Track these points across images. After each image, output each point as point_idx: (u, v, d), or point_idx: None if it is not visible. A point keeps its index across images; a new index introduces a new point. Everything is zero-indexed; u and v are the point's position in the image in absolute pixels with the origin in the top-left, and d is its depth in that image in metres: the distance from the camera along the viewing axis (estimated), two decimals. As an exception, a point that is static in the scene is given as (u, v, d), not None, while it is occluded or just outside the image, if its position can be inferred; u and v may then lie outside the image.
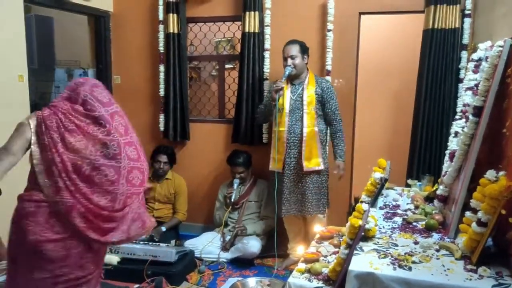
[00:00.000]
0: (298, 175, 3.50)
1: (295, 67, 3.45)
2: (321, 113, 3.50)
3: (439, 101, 3.56)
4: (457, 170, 2.16)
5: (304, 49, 3.50)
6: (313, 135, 3.43)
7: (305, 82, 3.49)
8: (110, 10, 4.49)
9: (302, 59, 3.48)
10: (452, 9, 3.45)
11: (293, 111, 3.47)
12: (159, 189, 4.17)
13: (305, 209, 3.51)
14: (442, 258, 1.74)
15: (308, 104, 3.44)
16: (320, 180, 3.51)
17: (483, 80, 1.97)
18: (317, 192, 3.51)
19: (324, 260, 2.08)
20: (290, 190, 3.53)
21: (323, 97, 3.46)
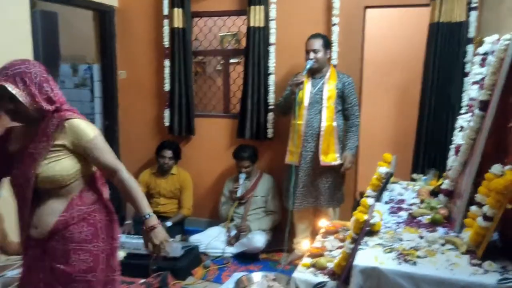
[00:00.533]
0: (313, 169, 3.51)
1: (317, 61, 3.45)
2: (340, 108, 3.50)
3: (445, 95, 3.54)
4: (463, 165, 2.15)
5: (327, 44, 3.50)
6: (331, 130, 3.44)
7: (326, 76, 3.49)
8: (115, 5, 4.49)
9: (325, 54, 3.48)
10: (458, 2, 3.42)
11: (312, 105, 3.47)
12: (164, 184, 4.18)
13: (318, 201, 3.53)
14: (447, 252, 1.74)
15: (328, 99, 3.44)
16: (336, 175, 3.52)
17: (489, 74, 1.95)
18: (331, 186, 3.52)
19: (329, 254, 2.09)
20: (304, 184, 3.54)
21: (343, 92, 3.46)
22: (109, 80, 4.59)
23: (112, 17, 4.50)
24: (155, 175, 4.22)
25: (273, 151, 4.22)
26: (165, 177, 4.20)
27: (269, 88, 4.03)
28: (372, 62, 4.35)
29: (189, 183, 4.25)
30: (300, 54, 3.95)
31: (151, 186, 4.21)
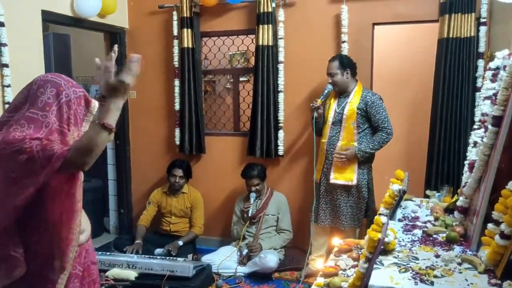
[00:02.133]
0: (333, 187, 3.50)
1: (335, 84, 3.47)
2: (365, 128, 3.45)
3: (456, 111, 3.51)
4: (477, 181, 2.12)
5: (345, 65, 3.47)
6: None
7: (350, 96, 3.48)
8: (126, 27, 4.56)
9: (342, 75, 3.46)
10: (467, 18, 3.42)
11: (335, 124, 3.49)
12: (175, 203, 4.18)
13: (340, 222, 3.50)
14: (465, 272, 1.70)
15: (347, 119, 3.43)
16: (358, 195, 3.48)
17: (501, 90, 1.93)
18: (353, 206, 3.49)
19: (343, 274, 2.05)
20: (325, 200, 3.55)
21: (367, 111, 3.41)
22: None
23: (122, 39, 4.57)
24: (166, 194, 4.22)
25: (284, 169, 4.20)
26: (176, 196, 4.20)
27: (279, 105, 4.04)
28: (381, 78, 4.35)
29: (200, 201, 4.24)
30: (309, 71, 4.00)
31: (162, 205, 4.21)
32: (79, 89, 1.59)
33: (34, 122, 1.46)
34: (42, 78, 1.56)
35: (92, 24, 4.16)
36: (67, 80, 1.57)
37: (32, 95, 1.52)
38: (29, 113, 1.47)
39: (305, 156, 4.09)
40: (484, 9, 3.41)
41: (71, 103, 1.54)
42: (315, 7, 3.94)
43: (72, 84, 1.58)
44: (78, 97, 1.58)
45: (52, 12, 3.66)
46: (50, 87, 1.52)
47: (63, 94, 1.53)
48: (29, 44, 3.47)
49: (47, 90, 1.52)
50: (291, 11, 4.00)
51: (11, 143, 1.42)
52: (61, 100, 1.52)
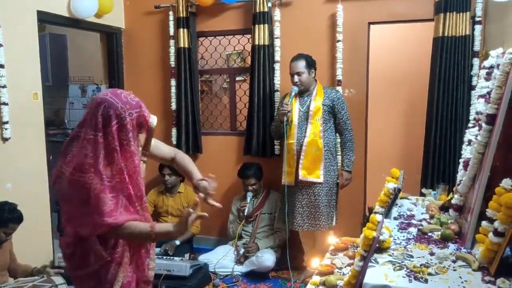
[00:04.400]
0: (310, 188, 3.48)
1: (301, 84, 3.47)
2: (330, 124, 3.49)
3: (452, 109, 3.53)
4: (472, 179, 2.13)
5: (311, 64, 3.49)
6: (314, 145, 3.41)
7: (313, 94, 3.49)
8: (122, 27, 4.56)
9: (309, 74, 3.48)
10: (462, 17, 3.43)
11: (301, 123, 3.48)
12: (171, 203, 4.18)
13: (319, 223, 3.48)
14: (459, 269, 1.71)
15: (313, 115, 3.44)
16: (331, 192, 3.50)
17: (495, 88, 1.94)
18: (327, 205, 3.49)
19: (339, 272, 2.06)
20: (302, 204, 3.50)
21: (333, 107, 3.46)
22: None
23: (119, 39, 4.57)
24: (162, 194, 4.22)
25: (281, 168, 4.20)
26: (173, 195, 4.20)
27: (275, 105, 4.04)
28: (377, 77, 4.37)
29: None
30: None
31: (159, 204, 4.21)
32: (135, 110, 1.66)
33: (94, 144, 1.58)
34: (101, 97, 1.63)
35: (89, 25, 4.15)
36: (124, 102, 1.63)
37: (92, 114, 1.61)
38: (90, 136, 1.59)
39: (302, 155, 4.08)
40: (479, 8, 3.42)
41: (127, 126, 1.62)
42: (311, 7, 3.95)
43: (130, 106, 1.64)
44: (134, 118, 1.65)
45: (48, 13, 3.66)
46: (108, 107, 1.59)
47: (120, 118, 1.60)
48: (25, 45, 3.47)
49: (104, 110, 1.59)
50: (287, 10, 4.01)
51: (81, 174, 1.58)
52: (119, 122, 1.60)
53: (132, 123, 1.64)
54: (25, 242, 3.18)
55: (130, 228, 1.63)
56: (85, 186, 1.56)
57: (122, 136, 1.62)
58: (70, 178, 1.59)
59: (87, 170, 1.57)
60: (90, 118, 1.61)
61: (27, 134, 3.49)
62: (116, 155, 1.60)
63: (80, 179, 1.57)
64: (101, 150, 1.58)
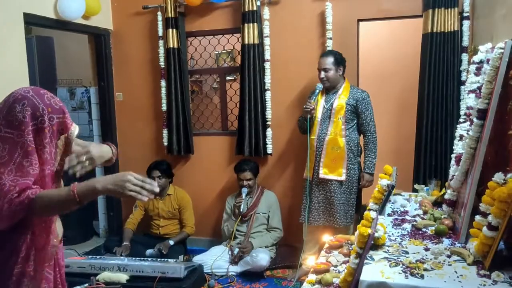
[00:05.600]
0: (327, 184, 3.50)
1: (328, 80, 3.48)
2: (353, 124, 3.49)
3: (442, 104, 3.55)
4: (464, 174, 2.14)
5: (339, 61, 3.49)
6: (335, 144, 3.44)
7: (339, 92, 3.50)
8: (110, 28, 4.52)
9: (336, 71, 3.48)
10: (450, 12, 3.45)
11: (324, 120, 3.50)
12: (162, 205, 4.15)
13: (334, 220, 3.50)
14: (454, 264, 1.72)
15: (336, 113, 3.45)
16: (349, 191, 3.50)
17: (485, 83, 1.96)
18: (345, 203, 3.50)
19: (334, 270, 2.06)
20: (318, 199, 3.54)
21: (357, 107, 3.45)
22: (107, 102, 4.61)
23: (107, 40, 4.53)
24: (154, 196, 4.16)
25: (273, 167, 4.21)
26: (162, 198, 4.16)
27: (266, 103, 4.04)
28: (368, 74, 4.38)
29: (187, 201, 4.21)
30: (295, 69, 4.00)
31: (150, 208, 4.17)
32: (57, 115, 1.49)
33: (9, 143, 1.40)
34: (22, 93, 1.47)
35: (76, 26, 4.11)
36: (47, 104, 1.47)
37: (8, 109, 1.44)
38: (5, 133, 1.41)
39: (294, 154, 4.10)
40: (467, 4, 3.45)
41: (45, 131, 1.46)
42: (300, 5, 3.95)
43: (52, 110, 1.48)
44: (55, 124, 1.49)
45: (35, 15, 3.61)
46: (27, 105, 1.43)
47: (38, 120, 1.44)
48: (12, 48, 3.42)
49: (24, 108, 1.43)
50: (276, 9, 4.00)
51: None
52: (37, 124, 1.44)
53: (51, 129, 1.47)
54: None
55: (44, 196, 1.40)
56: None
57: (37, 140, 1.44)
58: None
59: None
60: (6, 114, 1.43)
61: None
62: (34, 157, 1.42)
63: None
64: (17, 150, 1.40)
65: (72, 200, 1.40)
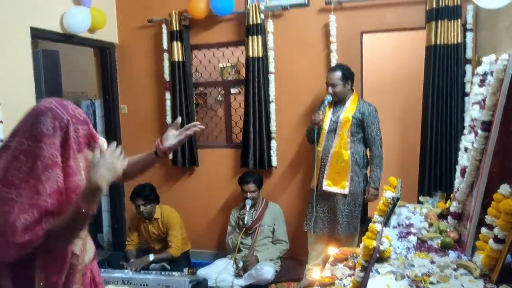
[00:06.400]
0: (331, 195, 3.51)
1: (335, 95, 3.50)
2: (359, 137, 3.49)
3: (446, 116, 3.54)
4: (470, 186, 2.13)
5: (347, 76, 3.50)
6: (339, 157, 3.45)
7: (346, 105, 3.52)
8: (115, 41, 4.57)
9: (344, 86, 3.50)
10: (453, 24, 3.47)
11: (330, 132, 3.52)
12: (151, 229, 4.03)
13: (336, 230, 3.52)
14: (460, 277, 1.70)
15: (341, 126, 3.47)
16: (353, 203, 3.50)
17: (489, 95, 1.95)
18: (348, 215, 3.49)
19: (339, 283, 2.05)
20: (323, 209, 3.57)
21: (363, 121, 3.46)
22: (111, 115, 4.63)
23: (112, 53, 4.58)
24: (143, 221, 4.03)
25: (278, 179, 4.20)
26: (151, 221, 4.02)
27: (271, 116, 4.05)
28: (372, 86, 4.39)
29: (173, 222, 4.00)
30: (299, 81, 4.03)
31: (142, 231, 4.07)
32: (81, 127, 1.49)
33: (31, 157, 1.38)
34: (46, 105, 1.45)
35: (82, 40, 4.16)
36: (71, 115, 1.46)
37: (32, 122, 1.42)
38: (27, 147, 1.39)
39: (299, 166, 4.09)
40: (470, 16, 3.46)
41: (70, 142, 1.45)
42: (304, 17, 3.98)
43: (76, 121, 1.47)
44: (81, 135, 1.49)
45: (41, 29, 3.66)
46: (51, 117, 1.42)
47: (63, 131, 1.43)
48: (18, 61, 3.46)
49: (48, 120, 1.41)
50: (280, 22, 4.03)
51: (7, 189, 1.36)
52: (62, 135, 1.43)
53: (77, 140, 1.46)
54: None
55: (56, 225, 1.37)
56: (7, 203, 1.34)
57: (62, 152, 1.43)
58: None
59: (17, 185, 1.35)
60: (30, 126, 1.40)
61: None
62: (57, 171, 1.40)
63: (5, 195, 1.35)
64: (38, 163, 1.37)
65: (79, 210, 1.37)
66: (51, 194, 1.38)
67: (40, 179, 1.37)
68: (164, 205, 4.10)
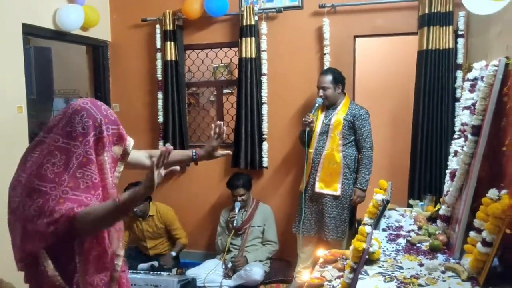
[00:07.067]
0: (318, 196, 3.53)
1: (326, 98, 3.53)
2: (351, 140, 3.51)
3: (437, 120, 3.58)
4: (459, 190, 2.15)
5: (338, 79, 3.53)
6: (331, 159, 3.47)
7: (338, 108, 3.54)
8: (108, 40, 4.55)
9: (334, 90, 3.52)
10: (445, 30, 3.50)
11: (322, 135, 3.54)
12: (146, 226, 4.03)
13: (323, 232, 3.53)
14: (448, 280, 1.71)
15: (333, 129, 3.49)
16: (342, 206, 3.51)
17: (480, 100, 1.98)
18: (336, 217, 3.51)
19: (328, 285, 2.05)
20: (311, 210, 3.59)
21: (354, 123, 3.48)
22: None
23: (105, 52, 4.55)
24: (135, 219, 4.02)
25: (269, 180, 4.21)
26: (146, 219, 4.02)
27: (263, 117, 4.05)
28: (364, 89, 4.41)
29: (173, 218, 4.09)
30: (292, 83, 4.04)
31: (134, 229, 4.06)
32: (112, 126, 1.55)
33: (66, 153, 1.44)
34: (81, 104, 1.51)
35: (74, 37, 4.13)
36: (104, 115, 1.53)
37: (67, 120, 1.48)
38: (62, 143, 1.45)
39: (290, 167, 4.10)
40: (461, 22, 3.50)
41: (104, 141, 1.51)
42: (297, 20, 3.99)
43: (108, 121, 1.54)
44: (111, 134, 1.55)
45: (33, 26, 3.63)
46: (86, 116, 1.48)
47: (97, 131, 1.49)
48: (10, 58, 3.42)
49: (83, 119, 1.48)
50: (274, 24, 4.04)
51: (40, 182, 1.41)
52: (96, 134, 1.49)
53: (108, 139, 1.53)
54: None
55: (90, 212, 1.40)
56: (41, 195, 1.39)
57: (96, 151, 1.49)
58: (27, 186, 1.43)
59: (50, 179, 1.40)
60: (65, 124, 1.47)
61: (11, 147, 3.43)
62: (93, 167, 1.46)
63: (38, 187, 1.40)
64: (73, 160, 1.43)
65: (118, 209, 1.41)
66: (84, 189, 1.44)
67: (75, 175, 1.43)
68: (157, 202, 4.12)
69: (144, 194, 1.41)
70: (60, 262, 1.48)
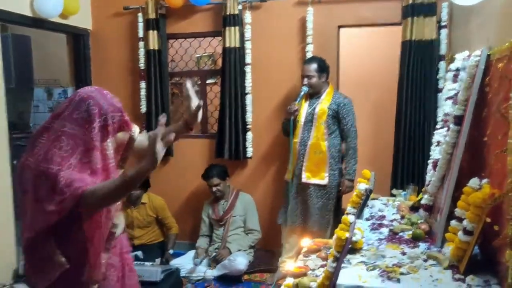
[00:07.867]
0: (304, 187, 3.52)
1: (311, 87, 3.51)
2: (335, 129, 3.51)
3: (420, 111, 3.60)
4: (441, 179, 2.17)
5: (322, 68, 3.52)
6: (317, 149, 3.47)
7: (322, 97, 3.53)
8: (89, 28, 4.46)
9: (319, 78, 3.51)
10: (428, 21, 3.51)
11: (306, 124, 3.53)
12: (136, 214, 3.99)
13: (307, 222, 3.54)
14: (430, 268, 1.73)
15: (318, 118, 3.48)
16: (327, 196, 3.51)
17: (462, 90, 1.99)
18: (320, 207, 3.51)
19: (312, 274, 2.06)
20: (296, 201, 3.58)
21: (338, 113, 3.48)
22: (84, 103, 4.52)
23: (86, 40, 4.46)
24: (126, 206, 3.95)
25: (253, 171, 4.20)
26: (136, 207, 4.00)
27: (247, 107, 4.03)
28: (347, 79, 4.41)
29: (164, 207, 4.09)
30: (276, 73, 4.02)
31: (124, 217, 4.04)
32: (117, 114, 1.62)
33: (73, 139, 1.52)
34: (88, 92, 1.60)
35: (54, 25, 4.03)
36: (110, 103, 1.61)
37: (74, 107, 1.56)
38: (70, 129, 1.52)
39: (274, 158, 4.10)
40: (444, 13, 3.51)
41: (109, 129, 1.58)
42: (281, 10, 3.97)
43: (114, 109, 1.62)
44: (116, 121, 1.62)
45: (10, 12, 3.52)
46: (93, 104, 1.56)
47: (102, 118, 1.56)
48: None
49: (89, 107, 1.55)
50: (258, 13, 4.01)
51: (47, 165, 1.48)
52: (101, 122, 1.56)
53: (113, 126, 1.60)
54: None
55: (98, 189, 1.47)
56: (50, 177, 1.46)
57: (101, 137, 1.57)
58: (35, 169, 1.50)
59: (58, 162, 1.48)
60: (72, 111, 1.55)
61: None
62: (97, 153, 1.54)
63: (46, 170, 1.47)
64: (80, 146, 1.52)
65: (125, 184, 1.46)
66: (90, 174, 1.52)
67: (81, 160, 1.51)
68: (149, 192, 4.10)
69: (149, 168, 1.44)
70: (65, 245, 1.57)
